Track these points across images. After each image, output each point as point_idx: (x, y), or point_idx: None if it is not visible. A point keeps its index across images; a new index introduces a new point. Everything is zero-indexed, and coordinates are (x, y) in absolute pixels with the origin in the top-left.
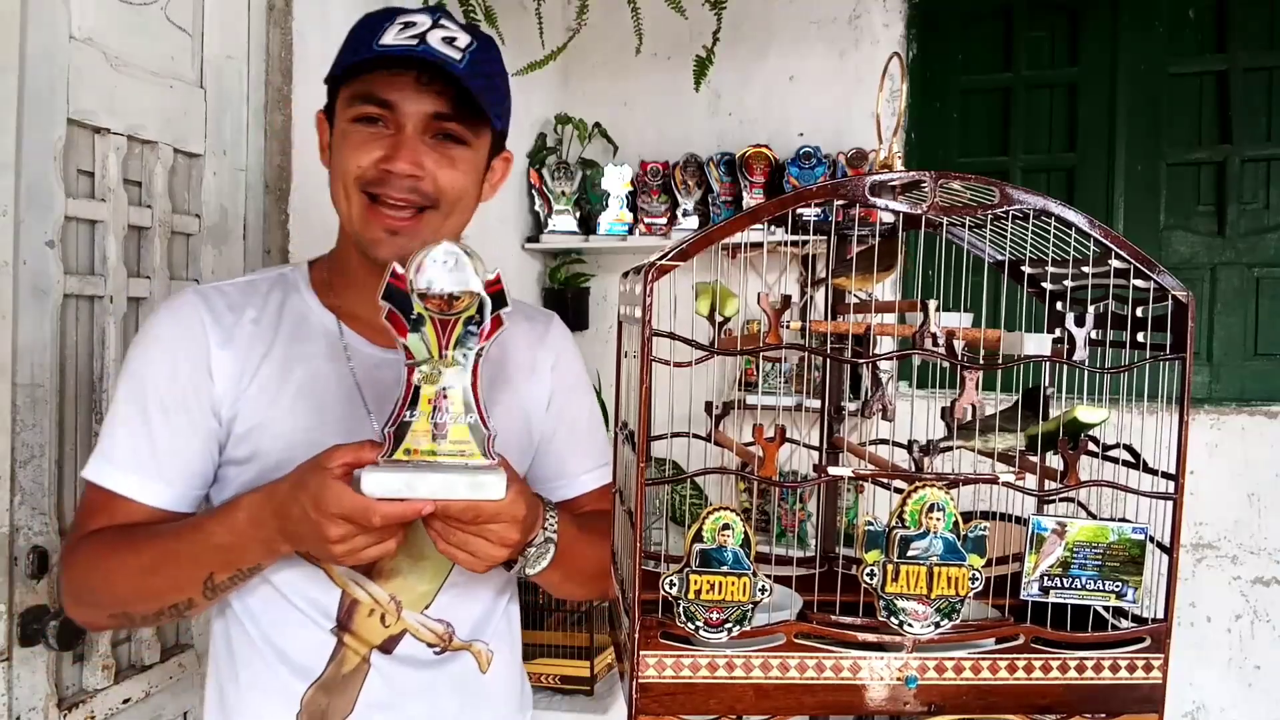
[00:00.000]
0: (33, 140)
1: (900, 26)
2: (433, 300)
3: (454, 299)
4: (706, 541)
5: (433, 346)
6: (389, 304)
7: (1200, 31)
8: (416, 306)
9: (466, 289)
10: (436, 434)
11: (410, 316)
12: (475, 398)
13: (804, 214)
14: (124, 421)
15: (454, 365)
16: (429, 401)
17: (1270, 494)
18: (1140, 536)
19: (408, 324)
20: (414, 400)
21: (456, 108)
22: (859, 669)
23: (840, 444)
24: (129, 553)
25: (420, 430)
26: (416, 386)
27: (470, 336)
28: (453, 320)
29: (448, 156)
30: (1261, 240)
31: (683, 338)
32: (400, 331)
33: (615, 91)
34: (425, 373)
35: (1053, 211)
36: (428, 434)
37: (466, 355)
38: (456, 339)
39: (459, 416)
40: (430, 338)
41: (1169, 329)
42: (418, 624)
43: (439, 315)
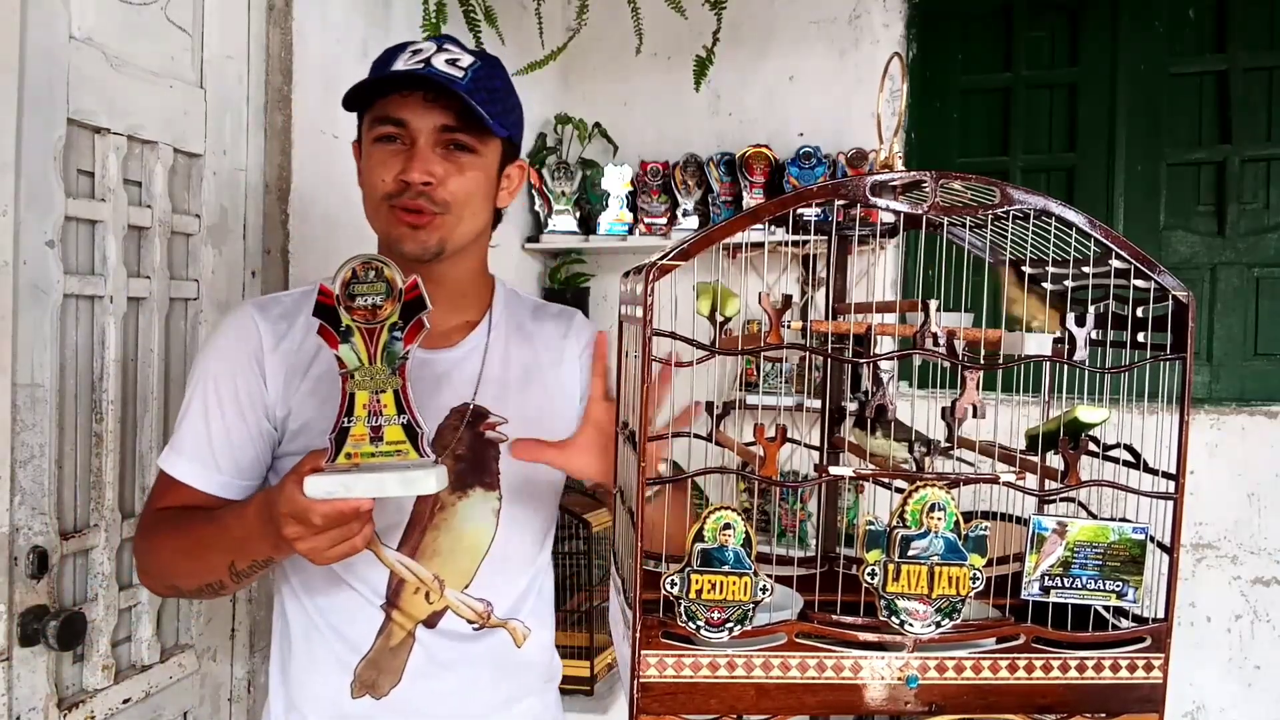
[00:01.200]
0: (33, 140)
1: (900, 26)
2: (358, 311)
3: (377, 308)
4: (708, 541)
5: (362, 354)
6: (320, 319)
7: (1200, 31)
8: (344, 318)
9: (387, 298)
10: (374, 436)
11: (340, 329)
12: (406, 398)
13: (804, 214)
14: (187, 416)
15: (383, 370)
16: (364, 407)
17: (1270, 494)
18: (1141, 536)
19: (338, 336)
20: (350, 407)
21: (461, 119)
22: (860, 669)
23: (840, 444)
24: (175, 534)
25: (358, 435)
26: (351, 394)
27: (395, 342)
28: (378, 328)
29: (457, 164)
30: (1261, 240)
31: (684, 338)
32: (332, 343)
33: (615, 91)
34: (358, 380)
35: (1053, 211)
36: (365, 437)
37: (394, 359)
38: (383, 345)
39: (393, 418)
40: (359, 346)
41: (1169, 329)
42: (459, 601)
43: (365, 325)
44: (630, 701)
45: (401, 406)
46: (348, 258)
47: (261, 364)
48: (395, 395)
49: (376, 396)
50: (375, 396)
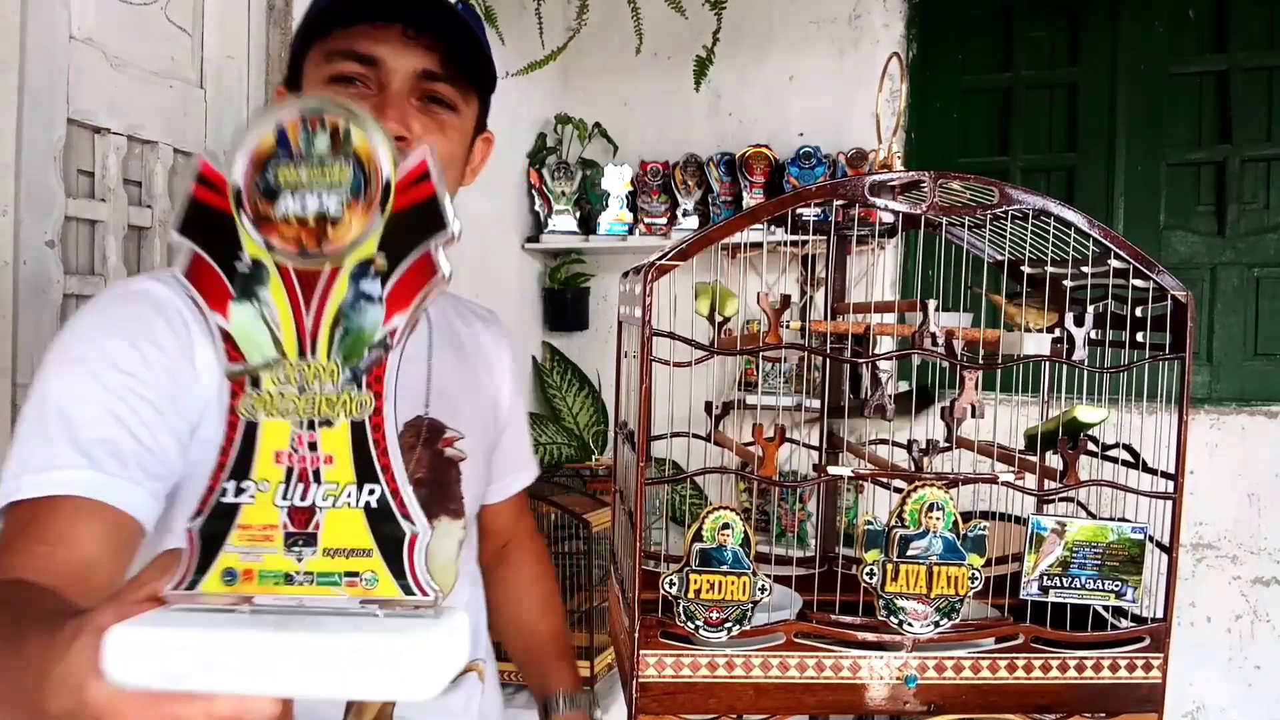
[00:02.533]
0: (33, 140)
1: (900, 26)
2: (279, 228)
3: (327, 221)
4: (706, 541)
5: (285, 332)
6: (190, 241)
7: (1200, 31)
8: (249, 244)
9: (354, 198)
10: (296, 534)
11: (231, 268)
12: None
13: (804, 214)
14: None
15: (330, 373)
16: (278, 458)
17: (1270, 494)
18: (1140, 536)
19: (230, 286)
20: (244, 460)
21: (448, 66)
22: (859, 668)
23: (840, 443)
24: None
25: (257, 525)
26: (249, 426)
27: (366, 306)
28: (327, 273)
29: (438, 121)
30: (1261, 240)
31: (683, 338)
32: (214, 302)
33: (615, 91)
34: (267, 396)
35: (1052, 211)
36: (275, 534)
37: (360, 349)
38: (338, 313)
39: (343, 491)
40: (279, 312)
41: (1169, 329)
42: None
43: (295, 260)
44: (629, 701)
45: (370, 465)
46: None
47: (192, 355)
48: (356, 434)
49: (309, 433)
50: (306, 433)
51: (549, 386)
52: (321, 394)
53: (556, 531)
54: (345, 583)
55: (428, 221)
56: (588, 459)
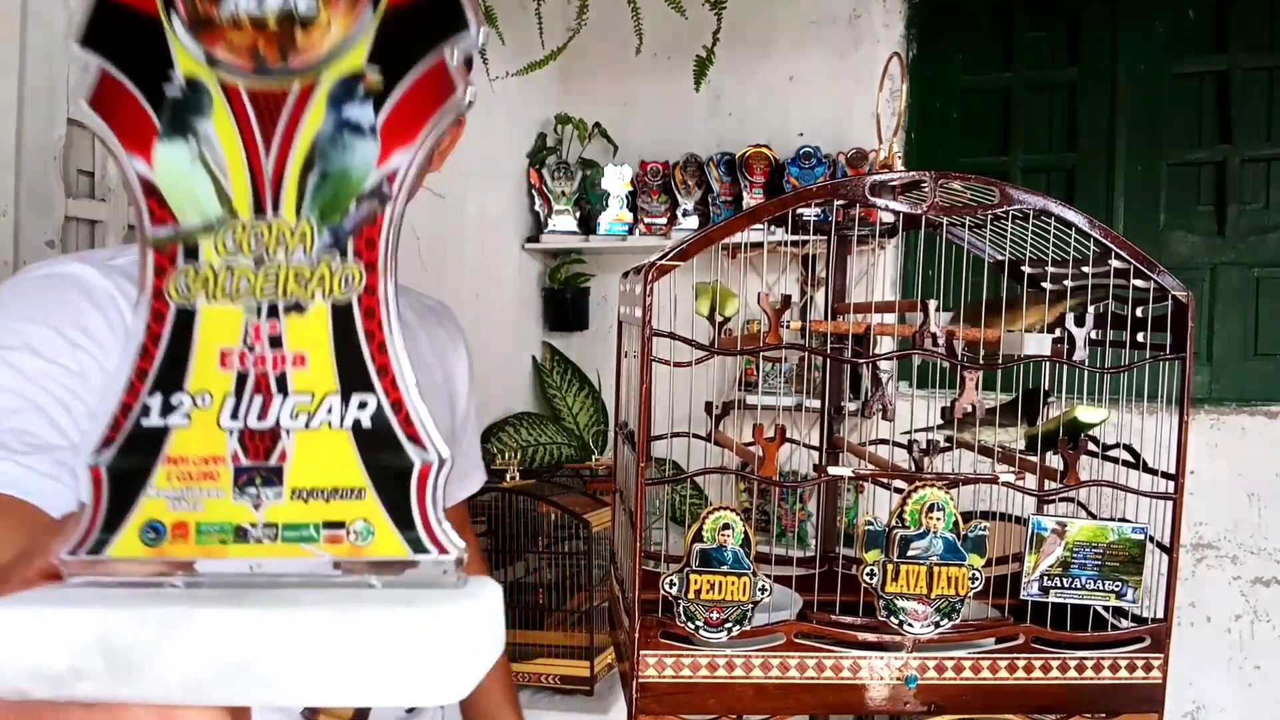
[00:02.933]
0: (33, 140)
1: (900, 26)
2: (231, 34)
3: (299, 24)
4: (706, 541)
5: (235, 182)
6: (97, 55)
7: (1200, 31)
8: (182, 58)
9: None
10: (249, 470)
11: (161, 88)
12: (378, 343)
13: (804, 214)
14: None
15: (302, 235)
16: (223, 361)
17: (1270, 494)
18: (1140, 536)
19: (155, 118)
20: (172, 360)
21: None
22: (859, 669)
23: (840, 444)
24: None
25: (195, 457)
26: (183, 315)
27: (356, 140)
28: (296, 95)
29: None
30: (1261, 240)
31: (683, 338)
32: (132, 142)
33: (615, 91)
34: (209, 270)
35: (1053, 211)
36: (221, 470)
37: (343, 203)
38: (311, 154)
39: (326, 407)
40: (225, 152)
41: (1169, 329)
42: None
43: (251, 79)
44: (629, 702)
45: (360, 366)
46: None
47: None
48: (339, 323)
49: (270, 323)
50: (265, 323)
51: (549, 386)
52: (288, 266)
53: (556, 531)
54: (324, 538)
55: (440, 18)
56: (588, 459)
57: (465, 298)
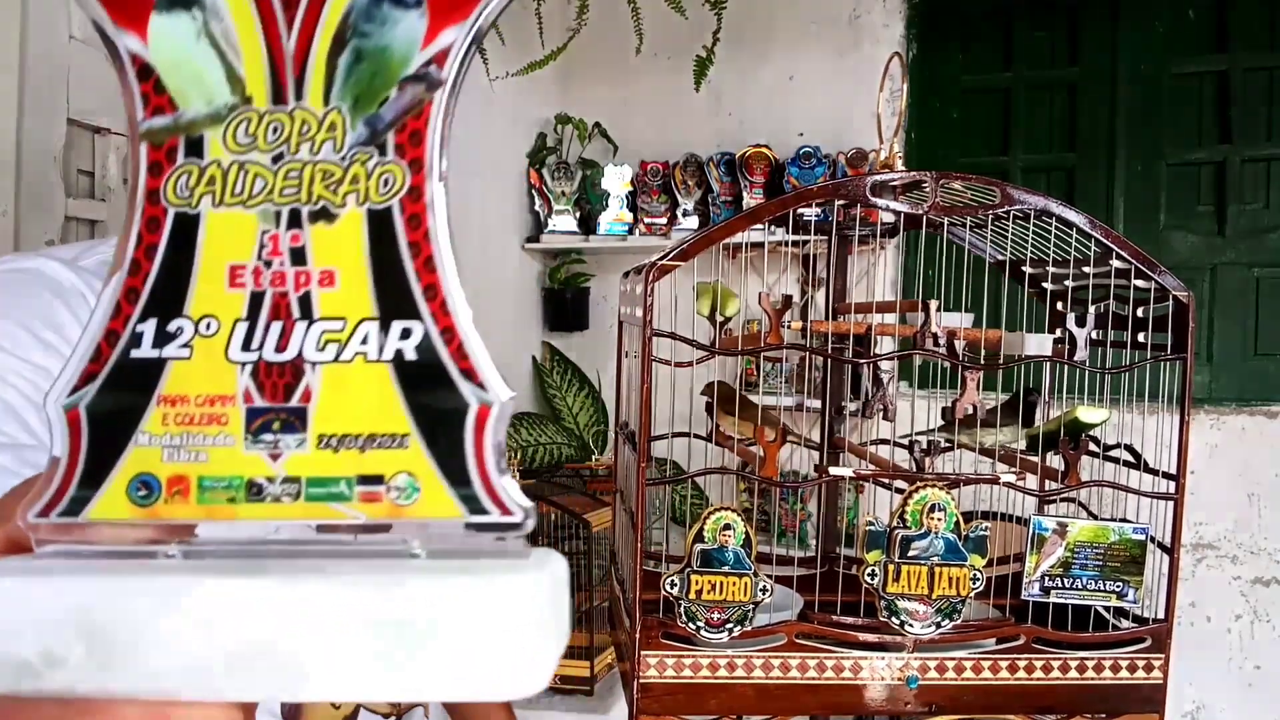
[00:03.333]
0: (33, 140)
1: (900, 26)
2: None
3: None
4: (707, 541)
5: (247, 60)
6: None
7: (1200, 31)
8: None
9: None
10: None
11: None
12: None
13: (804, 214)
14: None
15: (334, 129)
16: (233, 279)
17: (1270, 494)
18: (1141, 536)
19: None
20: (169, 277)
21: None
22: (860, 669)
23: (841, 444)
24: None
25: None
26: (183, 221)
27: (395, 10)
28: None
29: None
30: (1261, 240)
31: (683, 338)
32: (122, 14)
33: (615, 91)
34: (216, 167)
35: (1053, 211)
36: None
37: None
38: (342, 27)
39: (360, 336)
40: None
41: (1169, 329)
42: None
43: None
44: (630, 702)
45: (403, 286)
46: None
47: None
48: (377, 233)
49: (291, 233)
50: (285, 233)
51: (549, 386)
52: (314, 164)
53: (556, 531)
54: (359, 495)
55: None
56: (588, 459)
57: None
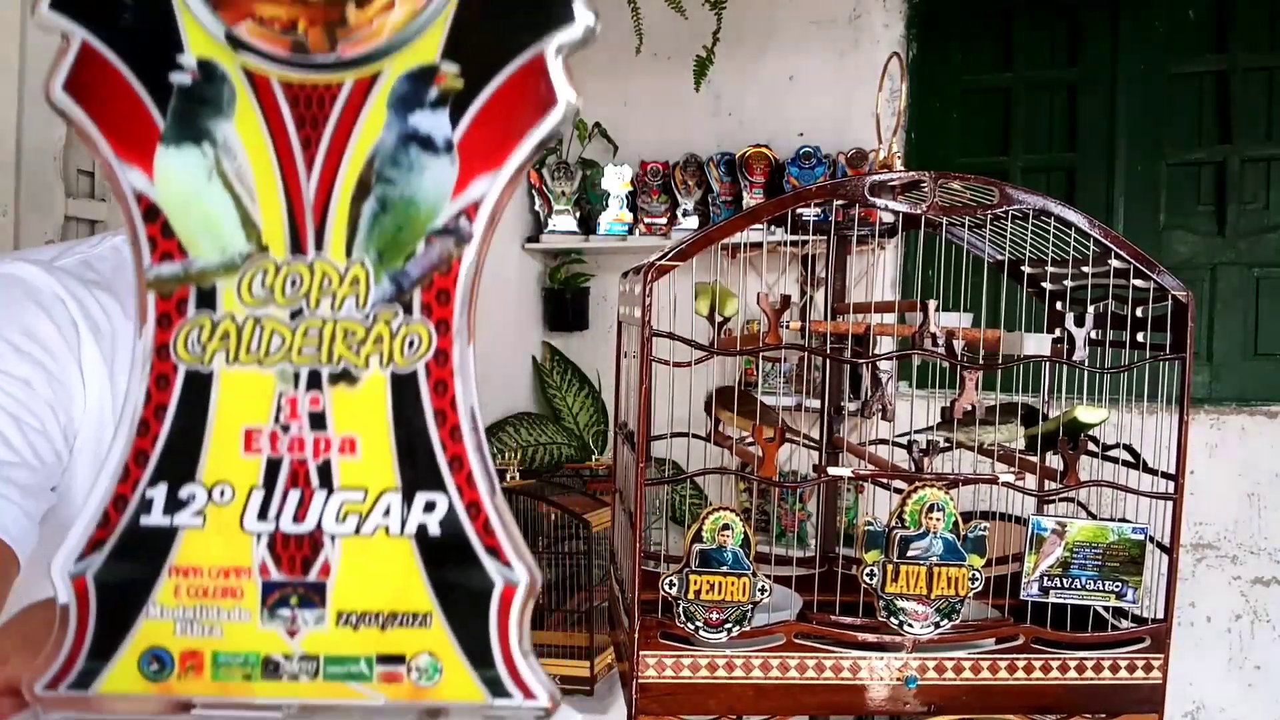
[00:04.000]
0: (33, 140)
1: (900, 26)
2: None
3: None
4: (706, 541)
5: (265, 207)
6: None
7: (1200, 31)
8: (195, 35)
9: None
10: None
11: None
12: (452, 421)
13: (804, 214)
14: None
15: (357, 284)
16: (248, 444)
17: (1270, 494)
18: (1140, 536)
19: (158, 115)
20: (182, 440)
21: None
22: (859, 669)
23: (840, 444)
24: None
25: (212, 567)
26: (195, 381)
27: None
28: (348, 92)
29: None
30: (1261, 240)
31: (683, 338)
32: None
33: (615, 91)
34: (230, 322)
35: (1053, 211)
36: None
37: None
38: (367, 173)
39: (382, 508)
40: (253, 166)
41: (1169, 329)
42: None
43: (288, 67)
44: (629, 702)
45: (428, 456)
46: None
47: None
48: (400, 399)
49: (310, 395)
50: (304, 395)
51: (549, 386)
52: (335, 321)
53: (556, 531)
54: (379, 676)
55: (538, 3)
56: (588, 459)
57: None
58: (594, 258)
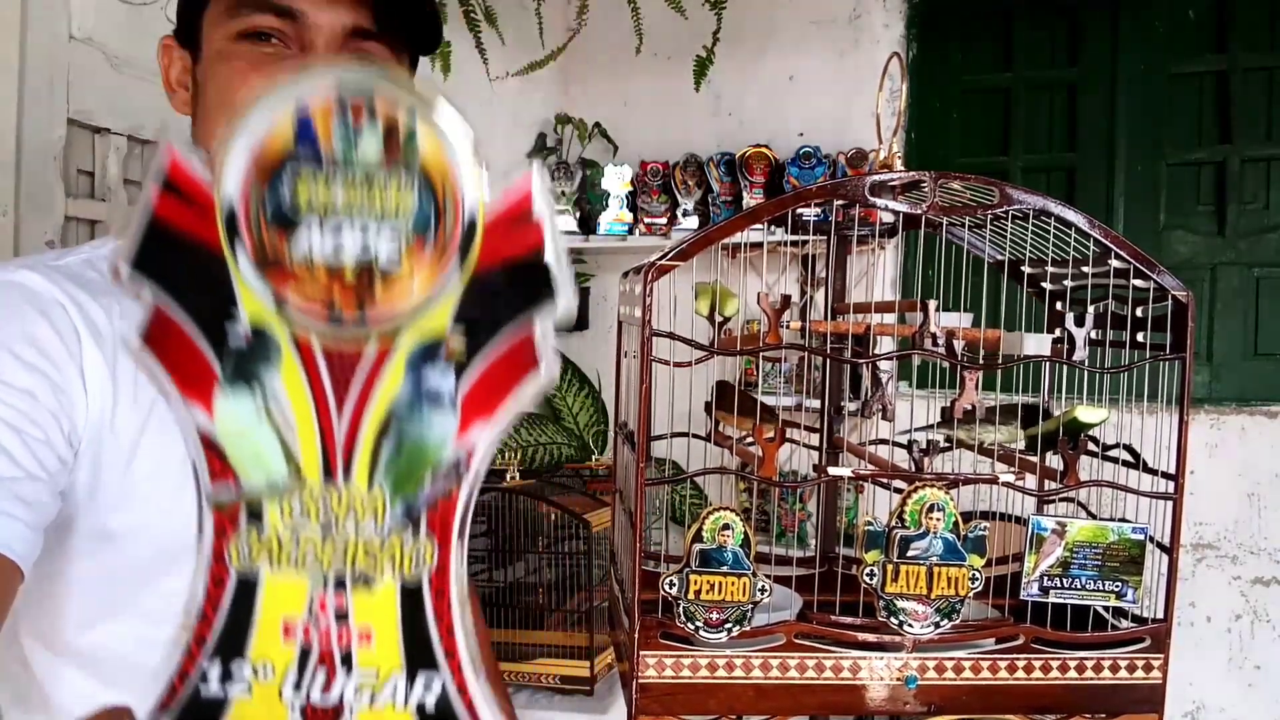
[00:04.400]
0: (33, 140)
1: (900, 26)
2: (303, 277)
3: (379, 275)
4: (706, 541)
5: (303, 443)
6: (151, 283)
7: (1200, 31)
8: (247, 300)
9: (427, 229)
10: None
11: (224, 331)
12: (447, 620)
13: (804, 214)
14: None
15: (375, 510)
16: (286, 632)
17: (1270, 494)
18: (1140, 536)
19: (217, 365)
20: (234, 627)
21: (383, 20)
22: (859, 669)
23: (840, 444)
24: None
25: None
26: (245, 583)
27: (434, 410)
28: (373, 354)
29: None
30: (1261, 240)
31: (683, 338)
32: (191, 388)
33: (615, 91)
34: (275, 536)
35: (1053, 211)
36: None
37: (422, 475)
38: (387, 420)
39: (391, 685)
40: (294, 410)
41: (1169, 329)
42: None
43: (324, 331)
44: (629, 702)
45: (427, 645)
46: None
47: (79, 360)
48: (408, 601)
49: (336, 595)
50: (331, 595)
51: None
52: (358, 539)
53: (556, 531)
54: None
55: (528, 284)
56: (588, 459)
57: None
58: (594, 258)
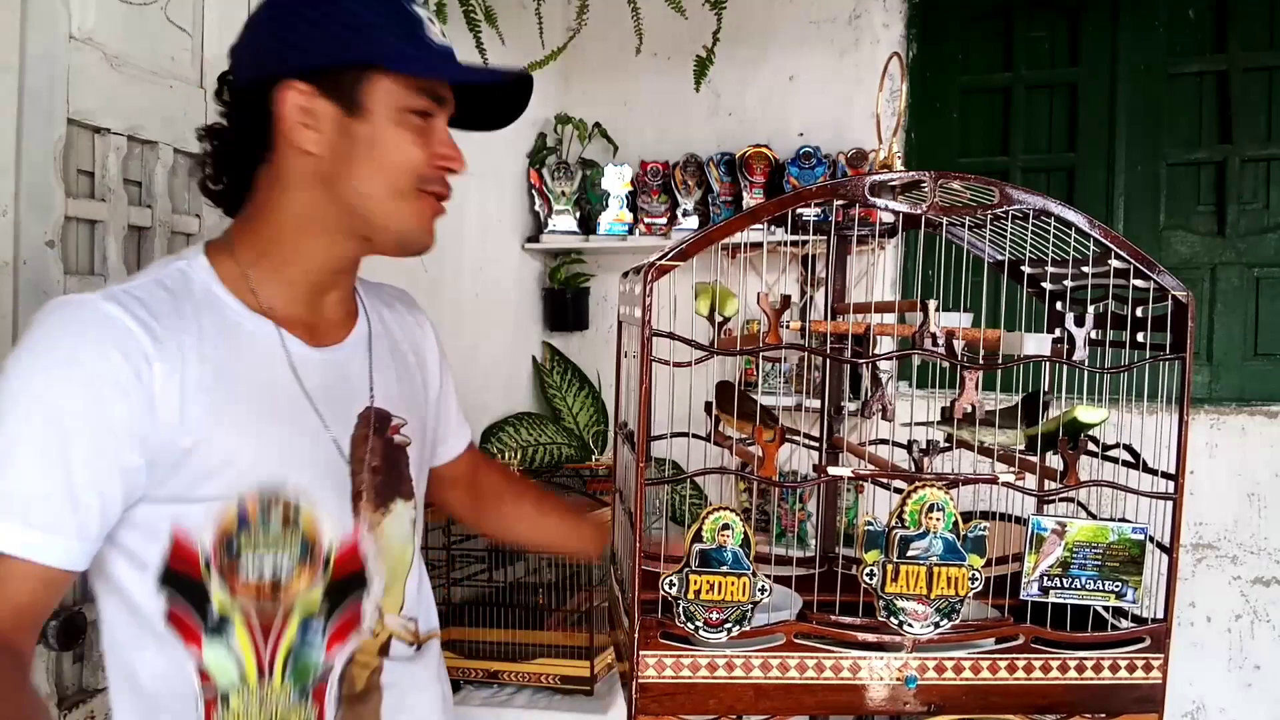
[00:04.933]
0: (33, 140)
1: (900, 26)
2: (243, 587)
3: (280, 583)
4: (706, 541)
5: (247, 666)
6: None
7: (1200, 31)
8: (216, 595)
9: (301, 563)
10: None
11: (204, 614)
12: None
13: (804, 214)
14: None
15: (283, 696)
16: None
17: (1270, 494)
18: (1140, 536)
19: (200, 625)
20: None
21: (459, 109)
22: (859, 669)
23: (840, 444)
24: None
25: None
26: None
27: (309, 647)
28: (278, 615)
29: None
30: (1261, 240)
31: (683, 338)
32: (190, 637)
33: (615, 91)
34: (236, 711)
35: (1053, 211)
36: None
37: (307, 678)
38: (289, 651)
39: None
40: (241, 648)
41: (1169, 329)
42: (399, 627)
43: (256, 608)
44: (629, 702)
45: None
46: (224, 496)
47: (148, 380)
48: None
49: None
50: None
51: (549, 386)
52: (278, 709)
53: None
54: None
55: (356, 582)
56: (588, 459)
57: (465, 298)
58: (594, 258)
